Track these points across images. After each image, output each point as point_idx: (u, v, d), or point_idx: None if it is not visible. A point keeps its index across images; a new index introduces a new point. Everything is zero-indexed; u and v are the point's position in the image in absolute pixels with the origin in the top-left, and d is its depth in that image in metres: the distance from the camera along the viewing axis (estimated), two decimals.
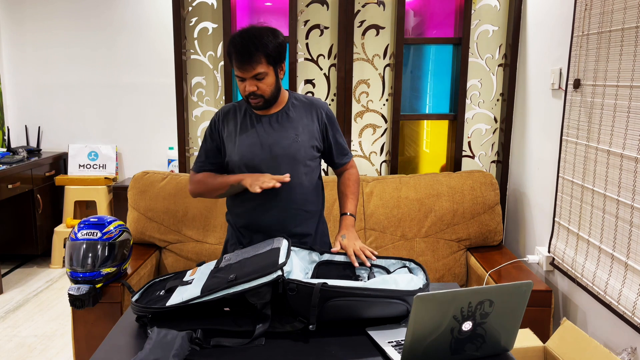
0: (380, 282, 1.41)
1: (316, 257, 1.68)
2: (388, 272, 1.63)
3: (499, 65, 2.80)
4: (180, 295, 1.41)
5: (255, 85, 1.66)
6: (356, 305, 1.35)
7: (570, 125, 2.15)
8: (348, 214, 1.84)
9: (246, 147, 1.76)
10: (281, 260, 1.40)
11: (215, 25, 2.76)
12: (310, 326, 1.32)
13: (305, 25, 2.75)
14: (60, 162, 4.11)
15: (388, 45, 2.78)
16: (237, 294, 1.33)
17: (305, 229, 1.84)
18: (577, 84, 2.08)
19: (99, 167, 4.05)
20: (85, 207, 4.09)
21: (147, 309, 1.38)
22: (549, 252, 2.32)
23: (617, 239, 1.84)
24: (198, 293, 1.37)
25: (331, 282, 1.37)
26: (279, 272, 1.34)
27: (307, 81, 2.81)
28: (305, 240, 1.83)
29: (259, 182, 1.65)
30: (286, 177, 1.68)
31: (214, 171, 1.87)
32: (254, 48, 1.61)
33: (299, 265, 1.55)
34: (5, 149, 3.90)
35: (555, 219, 2.26)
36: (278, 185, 1.65)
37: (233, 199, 1.87)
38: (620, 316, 1.80)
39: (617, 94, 1.83)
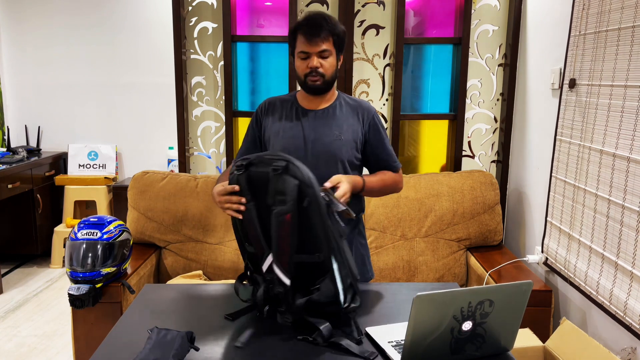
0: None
1: None
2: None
3: (499, 65, 2.80)
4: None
5: (320, 62, 1.67)
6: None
7: (564, 125, 2.15)
8: (362, 176, 1.70)
9: (289, 139, 1.72)
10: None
11: (215, 25, 2.76)
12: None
13: None
14: (60, 162, 4.11)
15: (388, 45, 2.78)
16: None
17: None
18: (572, 84, 2.08)
19: (99, 167, 4.05)
20: (85, 207, 4.09)
21: None
22: (542, 251, 2.32)
23: (607, 238, 1.84)
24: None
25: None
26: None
27: None
28: None
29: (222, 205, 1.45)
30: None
31: None
32: (325, 24, 1.65)
33: None
34: (5, 149, 3.90)
35: (548, 218, 2.26)
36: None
37: None
38: (613, 316, 1.80)
39: (612, 94, 1.83)
